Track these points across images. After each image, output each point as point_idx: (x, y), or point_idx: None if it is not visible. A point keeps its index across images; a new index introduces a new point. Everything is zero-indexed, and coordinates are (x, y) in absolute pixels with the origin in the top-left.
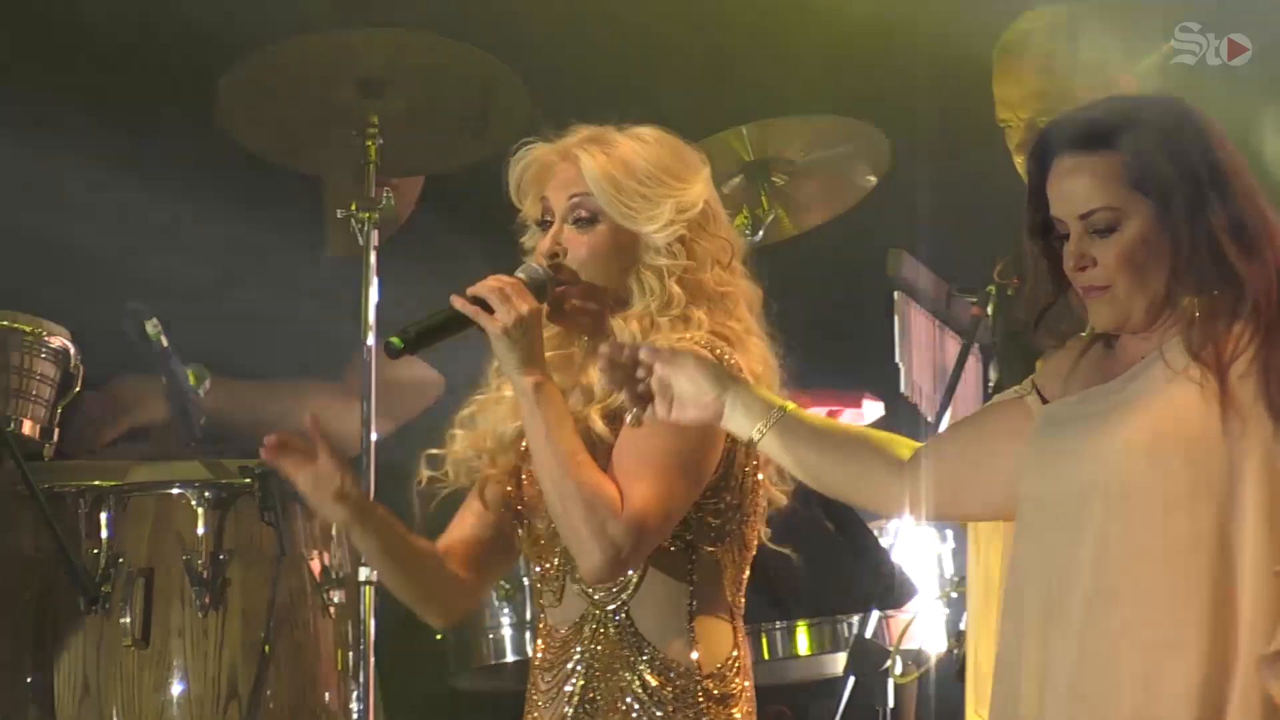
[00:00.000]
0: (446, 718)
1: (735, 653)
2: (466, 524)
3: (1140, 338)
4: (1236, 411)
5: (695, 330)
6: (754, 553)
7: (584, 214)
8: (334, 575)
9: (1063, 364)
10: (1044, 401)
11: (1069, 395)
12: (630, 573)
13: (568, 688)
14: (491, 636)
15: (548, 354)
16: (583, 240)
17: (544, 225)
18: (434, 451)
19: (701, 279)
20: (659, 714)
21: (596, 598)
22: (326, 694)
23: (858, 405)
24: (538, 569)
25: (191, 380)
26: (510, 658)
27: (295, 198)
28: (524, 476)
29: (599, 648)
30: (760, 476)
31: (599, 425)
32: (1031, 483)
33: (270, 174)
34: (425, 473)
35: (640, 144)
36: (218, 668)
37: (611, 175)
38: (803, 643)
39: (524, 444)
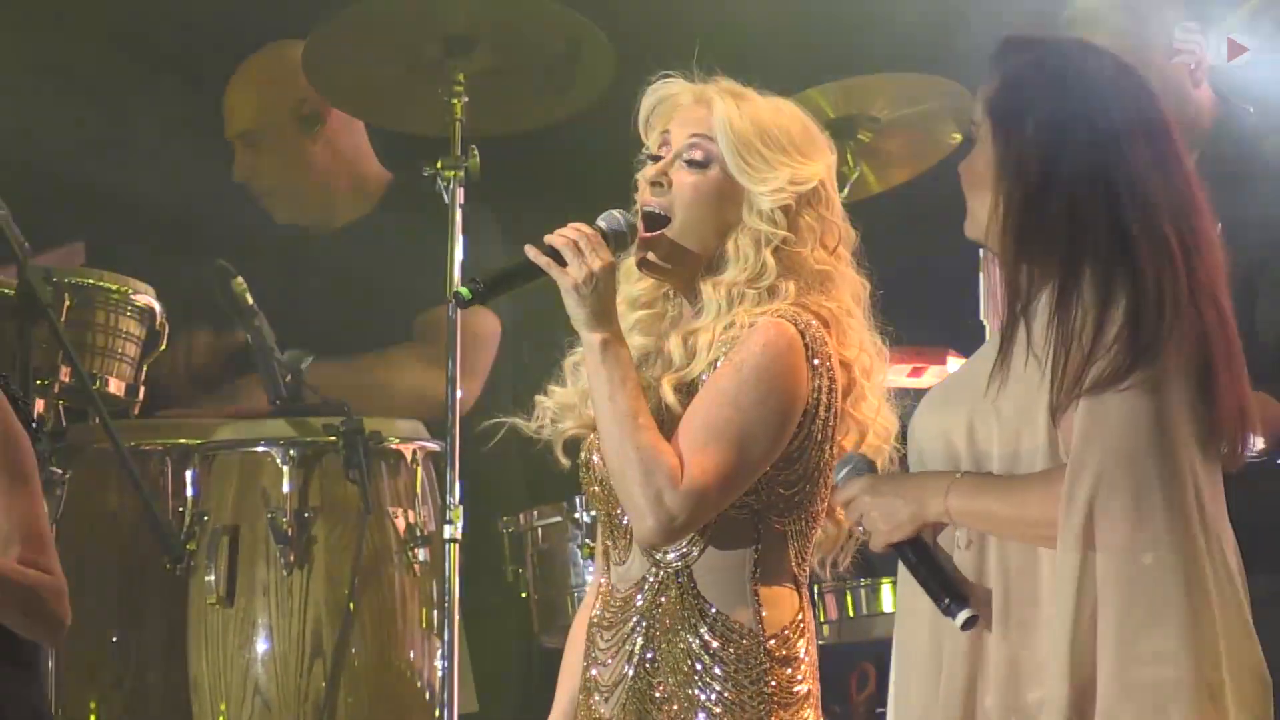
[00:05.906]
0: (531, 675)
1: (800, 616)
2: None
3: None
4: None
5: (780, 302)
6: (820, 524)
7: (699, 155)
8: (419, 533)
9: None
10: None
11: None
12: (695, 536)
13: (628, 647)
14: (577, 594)
15: (641, 308)
16: (689, 181)
17: (657, 159)
18: (542, 399)
19: (800, 253)
20: (720, 674)
21: (659, 559)
22: (411, 652)
23: (942, 362)
24: (609, 528)
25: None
26: None
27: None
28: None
29: (660, 609)
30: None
31: (669, 396)
32: None
33: None
34: (520, 421)
35: (774, 109)
36: (302, 625)
37: (739, 126)
38: (887, 600)
39: None
